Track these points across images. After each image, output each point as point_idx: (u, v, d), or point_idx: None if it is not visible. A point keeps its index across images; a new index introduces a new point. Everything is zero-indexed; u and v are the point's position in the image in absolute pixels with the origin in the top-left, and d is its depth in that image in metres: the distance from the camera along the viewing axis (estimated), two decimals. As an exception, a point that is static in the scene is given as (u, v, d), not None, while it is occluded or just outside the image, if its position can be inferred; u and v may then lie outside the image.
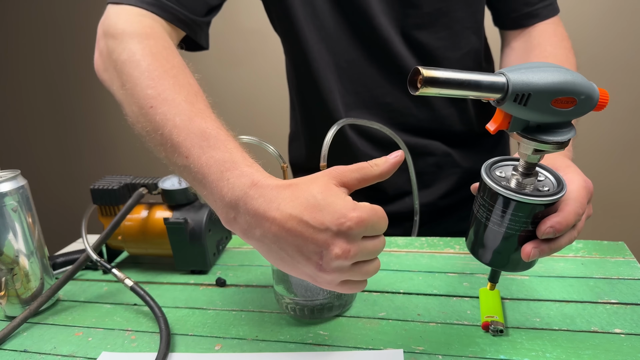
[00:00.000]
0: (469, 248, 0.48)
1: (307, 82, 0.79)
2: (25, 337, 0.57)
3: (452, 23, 0.73)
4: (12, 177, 0.59)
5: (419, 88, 0.36)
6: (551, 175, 0.45)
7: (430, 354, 0.48)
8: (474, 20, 0.75)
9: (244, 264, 0.71)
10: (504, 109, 0.38)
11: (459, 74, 0.36)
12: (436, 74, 0.35)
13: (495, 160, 0.46)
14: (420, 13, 0.71)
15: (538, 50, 0.73)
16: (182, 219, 0.66)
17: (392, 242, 0.74)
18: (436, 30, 0.73)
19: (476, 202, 0.46)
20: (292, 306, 0.55)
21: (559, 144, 0.39)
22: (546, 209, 0.42)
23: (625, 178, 1.83)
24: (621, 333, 0.49)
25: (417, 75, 0.36)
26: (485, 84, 0.36)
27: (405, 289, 0.61)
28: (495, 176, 0.44)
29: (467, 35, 0.75)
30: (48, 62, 2.42)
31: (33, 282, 0.61)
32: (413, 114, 0.77)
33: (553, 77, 0.37)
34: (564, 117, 0.39)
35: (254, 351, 0.51)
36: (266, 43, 2.01)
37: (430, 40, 0.73)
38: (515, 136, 0.41)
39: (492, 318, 0.51)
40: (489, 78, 0.37)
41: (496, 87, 0.37)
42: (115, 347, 0.54)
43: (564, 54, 0.72)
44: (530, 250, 0.42)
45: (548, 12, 0.75)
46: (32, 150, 2.58)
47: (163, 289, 0.66)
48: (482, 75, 0.37)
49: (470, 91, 0.36)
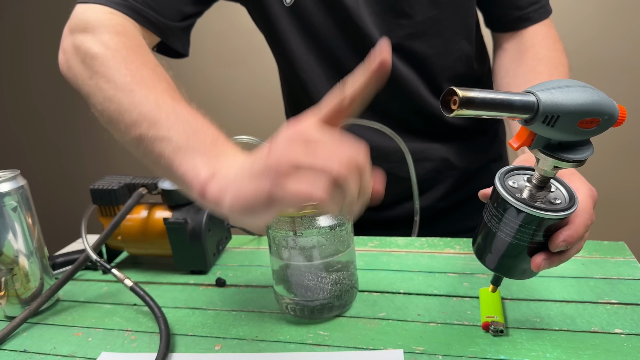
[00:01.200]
0: (476, 253, 0.48)
1: (299, 94, 0.79)
2: (25, 337, 0.57)
3: (444, 30, 0.73)
4: (12, 177, 0.59)
5: (453, 109, 0.35)
6: (562, 187, 0.45)
7: (430, 354, 0.48)
8: (465, 25, 0.75)
9: (243, 264, 0.71)
10: (531, 129, 0.38)
11: (492, 95, 0.36)
12: (472, 94, 0.35)
13: (508, 169, 0.46)
14: (412, 23, 0.71)
15: (531, 52, 0.73)
16: (181, 219, 0.66)
17: (392, 242, 0.74)
18: (428, 38, 0.73)
19: (487, 209, 0.46)
20: (292, 306, 0.55)
21: (579, 162, 0.40)
22: (558, 222, 0.42)
23: (625, 178, 1.83)
24: (621, 333, 0.49)
25: (450, 96, 0.35)
26: (517, 105, 0.36)
27: (405, 289, 0.60)
28: (509, 186, 0.44)
29: (458, 40, 0.75)
30: (48, 62, 2.41)
31: (33, 282, 0.61)
32: (409, 119, 0.78)
33: (582, 98, 0.37)
34: (586, 136, 0.39)
35: (253, 351, 0.51)
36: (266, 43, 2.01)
37: (424, 48, 0.73)
38: (536, 152, 0.41)
39: (493, 318, 0.51)
40: (521, 98, 0.36)
41: (527, 107, 0.36)
42: (115, 347, 0.54)
43: (557, 57, 0.72)
44: (541, 262, 0.43)
45: (539, 15, 0.75)
46: (32, 150, 2.58)
47: (163, 289, 0.66)
48: (513, 95, 0.36)
49: (502, 112, 0.36)
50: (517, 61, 0.74)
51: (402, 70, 0.74)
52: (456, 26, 0.74)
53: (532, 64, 0.71)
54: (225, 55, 2.13)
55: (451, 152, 0.81)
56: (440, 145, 0.80)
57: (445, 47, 0.74)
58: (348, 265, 0.56)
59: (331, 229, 0.52)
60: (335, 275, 0.54)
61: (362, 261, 0.69)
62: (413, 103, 0.76)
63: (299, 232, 0.52)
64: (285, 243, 0.53)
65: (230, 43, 2.11)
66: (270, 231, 0.54)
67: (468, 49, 0.77)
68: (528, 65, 0.72)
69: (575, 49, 1.72)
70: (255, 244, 0.78)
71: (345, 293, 0.55)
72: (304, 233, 0.52)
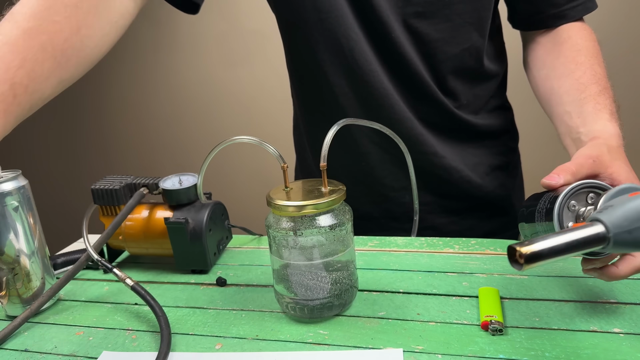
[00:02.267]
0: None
1: (304, 62, 0.78)
2: (26, 337, 0.57)
3: (453, 16, 0.72)
4: (13, 177, 0.59)
5: (522, 264, 0.33)
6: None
7: (429, 353, 0.48)
8: (477, 16, 0.73)
9: (244, 264, 0.72)
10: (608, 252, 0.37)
11: (556, 239, 0.33)
12: (536, 248, 0.33)
13: (579, 186, 0.45)
14: (421, 1, 0.71)
15: (569, 43, 0.71)
16: (182, 218, 0.66)
17: (391, 242, 0.74)
18: (436, 21, 0.72)
19: (538, 211, 0.47)
20: (292, 305, 0.55)
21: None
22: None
23: (626, 178, 1.82)
24: (620, 333, 0.49)
25: (515, 253, 0.34)
26: (585, 242, 0.34)
27: (404, 289, 0.61)
28: (569, 207, 0.44)
29: (467, 30, 0.74)
30: (49, 63, 2.42)
31: (34, 282, 0.62)
32: (415, 107, 0.77)
33: None
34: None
35: (254, 350, 0.51)
36: (266, 43, 2.01)
37: (430, 31, 0.72)
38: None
39: (492, 317, 0.51)
40: (588, 233, 0.34)
41: (598, 239, 0.34)
42: (116, 347, 0.54)
43: (595, 48, 0.70)
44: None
45: (576, 12, 0.73)
46: (33, 150, 2.58)
47: (164, 288, 0.66)
48: (578, 232, 0.34)
49: (573, 253, 0.34)
50: (553, 52, 0.72)
51: (406, 48, 0.73)
52: (467, 14, 0.72)
53: (571, 54, 0.70)
54: (225, 56, 2.14)
55: (459, 158, 0.80)
56: (450, 149, 0.79)
57: (452, 34, 0.73)
58: (348, 264, 0.56)
59: (331, 229, 0.52)
60: (335, 274, 0.54)
61: (362, 260, 0.69)
62: (416, 86, 0.75)
63: (299, 232, 0.52)
64: (286, 242, 0.53)
65: (230, 44, 2.11)
66: (271, 231, 0.54)
67: (479, 42, 0.75)
68: (567, 56, 0.70)
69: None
70: (256, 244, 0.78)
71: (345, 292, 0.55)
72: (304, 233, 0.52)
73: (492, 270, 0.63)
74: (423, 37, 0.73)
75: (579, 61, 0.69)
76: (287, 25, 0.80)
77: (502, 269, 0.63)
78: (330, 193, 0.53)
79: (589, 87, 0.65)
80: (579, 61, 0.68)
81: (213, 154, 0.58)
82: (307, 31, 0.75)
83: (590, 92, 0.64)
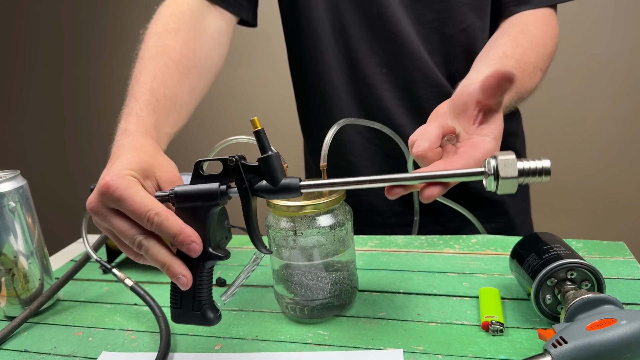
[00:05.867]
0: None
1: (302, 42, 0.81)
2: (26, 337, 0.57)
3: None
4: (12, 177, 0.59)
5: None
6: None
7: (430, 354, 0.48)
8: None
9: (244, 264, 0.71)
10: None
11: None
12: None
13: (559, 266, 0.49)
14: None
15: (519, 27, 0.68)
16: (182, 219, 0.66)
17: (392, 242, 0.74)
18: (432, 2, 0.73)
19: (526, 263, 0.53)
20: (292, 306, 0.55)
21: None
22: None
23: (625, 178, 1.83)
24: (621, 333, 0.49)
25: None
26: None
27: (405, 289, 0.61)
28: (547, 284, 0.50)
29: (463, 11, 0.73)
30: (48, 62, 2.42)
31: (32, 283, 0.61)
32: (415, 88, 0.77)
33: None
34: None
35: (254, 351, 0.51)
36: (266, 43, 2.01)
37: (426, 12, 0.73)
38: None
39: (492, 318, 0.51)
40: None
41: None
42: (115, 347, 0.54)
43: (543, 39, 0.67)
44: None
45: (540, 0, 0.71)
46: (32, 150, 2.58)
47: (163, 288, 0.66)
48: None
49: None
50: (501, 32, 0.70)
51: (405, 28, 0.74)
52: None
53: (514, 33, 0.66)
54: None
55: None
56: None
57: (447, 15, 0.74)
58: (348, 265, 0.56)
59: (331, 229, 0.52)
60: (335, 274, 0.54)
61: (362, 261, 0.69)
62: (415, 65, 0.75)
63: (299, 232, 0.52)
64: (286, 243, 0.53)
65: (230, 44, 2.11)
66: (271, 231, 0.54)
67: (476, 24, 0.75)
68: (511, 34, 0.66)
69: (575, 49, 1.73)
70: (256, 244, 0.78)
71: (345, 293, 0.55)
72: (304, 233, 0.52)
73: (492, 270, 0.63)
74: (419, 17, 0.73)
75: (514, 40, 0.64)
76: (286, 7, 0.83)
77: (502, 269, 0.63)
78: (330, 193, 0.53)
79: (495, 51, 0.62)
80: (516, 41, 0.64)
81: (213, 153, 0.58)
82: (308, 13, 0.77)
83: (495, 55, 0.61)
